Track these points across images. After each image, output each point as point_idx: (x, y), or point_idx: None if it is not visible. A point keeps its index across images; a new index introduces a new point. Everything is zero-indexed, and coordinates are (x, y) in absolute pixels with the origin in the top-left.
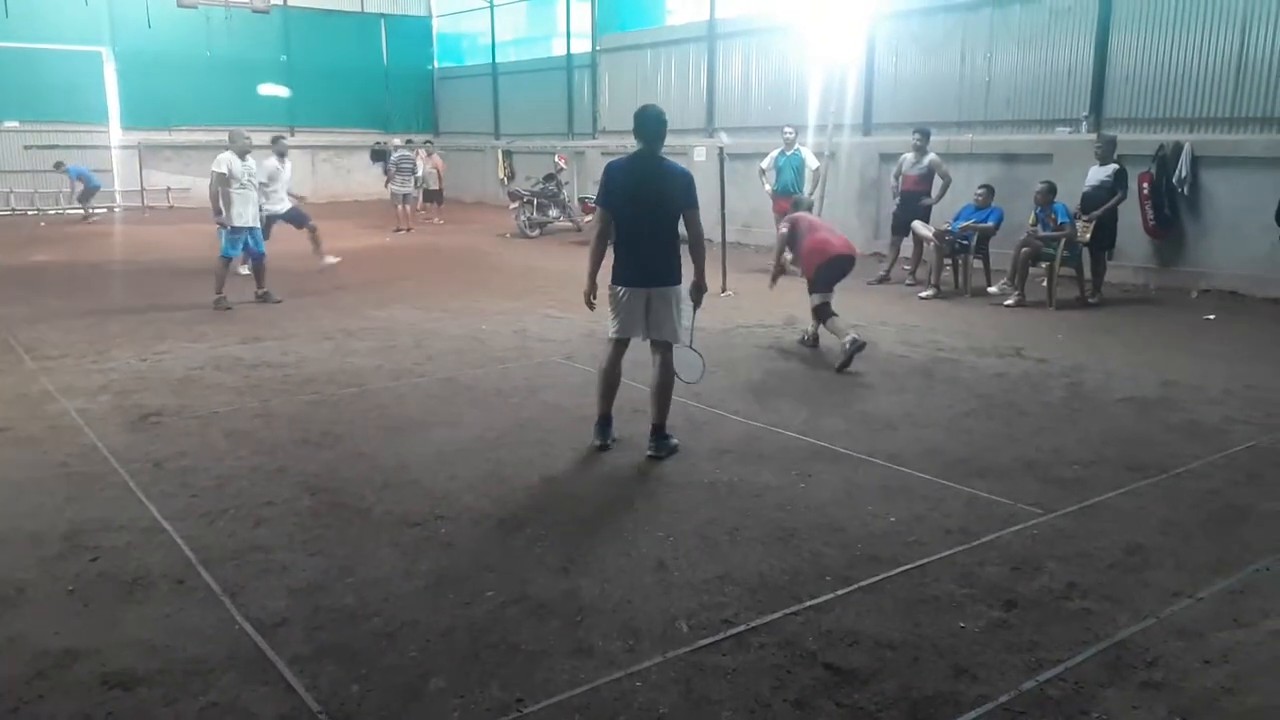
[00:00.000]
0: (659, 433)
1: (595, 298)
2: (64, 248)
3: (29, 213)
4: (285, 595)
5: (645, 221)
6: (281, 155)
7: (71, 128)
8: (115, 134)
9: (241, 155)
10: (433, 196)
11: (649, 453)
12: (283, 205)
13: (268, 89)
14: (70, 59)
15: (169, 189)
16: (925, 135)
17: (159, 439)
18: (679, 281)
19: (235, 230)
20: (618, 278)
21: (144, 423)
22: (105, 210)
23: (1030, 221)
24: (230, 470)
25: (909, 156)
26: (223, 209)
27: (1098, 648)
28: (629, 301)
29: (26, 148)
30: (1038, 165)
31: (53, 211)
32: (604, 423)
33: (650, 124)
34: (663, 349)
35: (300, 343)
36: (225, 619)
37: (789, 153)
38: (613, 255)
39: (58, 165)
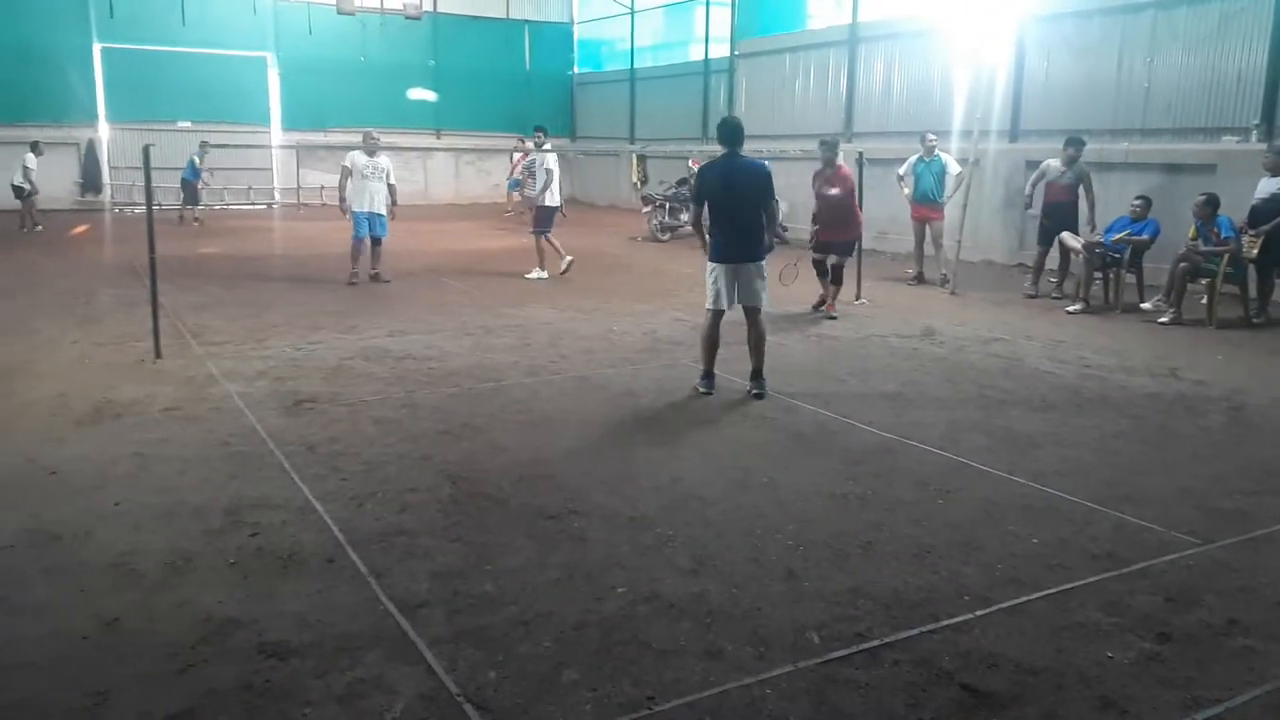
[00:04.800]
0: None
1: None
2: (227, 241)
3: (197, 209)
4: (427, 579)
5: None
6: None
7: (237, 128)
8: (276, 135)
9: (370, 153)
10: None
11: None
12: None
13: (416, 93)
14: (238, 64)
15: (323, 187)
16: (1081, 145)
17: (312, 424)
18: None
19: (358, 215)
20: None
21: (299, 408)
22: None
23: (1190, 235)
24: (377, 456)
25: (1054, 164)
26: (345, 198)
27: (1262, 689)
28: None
29: (203, 145)
30: (1200, 176)
31: (216, 207)
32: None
33: (733, 131)
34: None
35: (443, 338)
36: (371, 598)
37: (928, 159)
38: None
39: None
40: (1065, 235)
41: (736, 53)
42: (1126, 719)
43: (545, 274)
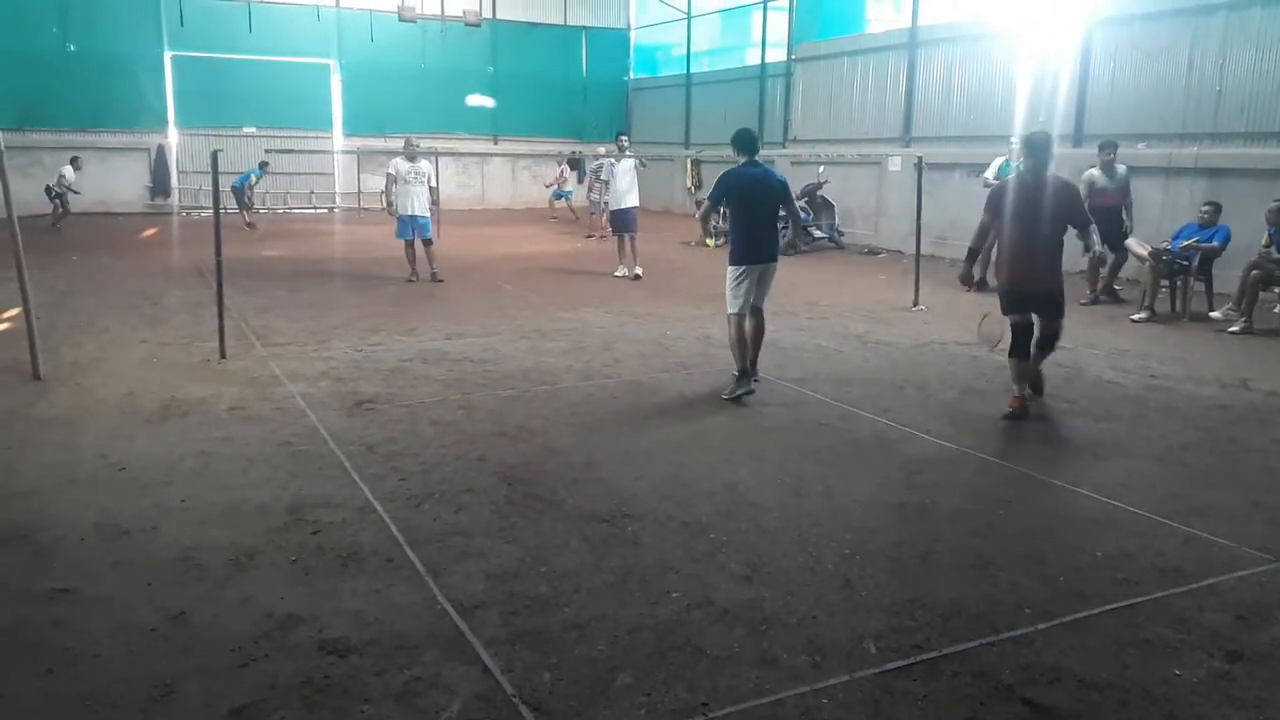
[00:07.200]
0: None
1: None
2: (289, 244)
3: (259, 210)
4: (483, 579)
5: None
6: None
7: (300, 134)
8: (338, 140)
9: (410, 159)
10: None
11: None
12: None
13: (475, 99)
14: (302, 70)
15: (382, 192)
16: (1115, 148)
17: (372, 424)
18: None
19: (402, 218)
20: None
21: (359, 409)
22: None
23: (1264, 242)
24: (435, 457)
25: (1095, 174)
26: (392, 202)
27: None
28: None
29: (268, 151)
30: (1274, 181)
31: (279, 210)
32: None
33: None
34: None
35: (499, 341)
36: (428, 598)
37: (1015, 161)
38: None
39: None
40: (1131, 241)
41: (794, 57)
42: None
43: (640, 271)
